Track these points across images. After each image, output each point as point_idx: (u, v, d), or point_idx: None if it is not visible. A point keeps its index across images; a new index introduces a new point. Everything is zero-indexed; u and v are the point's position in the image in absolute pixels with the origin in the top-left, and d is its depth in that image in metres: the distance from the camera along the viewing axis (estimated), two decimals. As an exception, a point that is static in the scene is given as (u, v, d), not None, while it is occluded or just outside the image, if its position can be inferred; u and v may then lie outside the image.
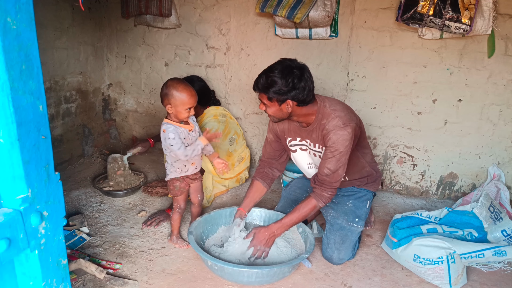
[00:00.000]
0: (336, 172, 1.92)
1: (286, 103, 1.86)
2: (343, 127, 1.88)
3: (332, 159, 1.90)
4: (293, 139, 2.14)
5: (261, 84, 1.86)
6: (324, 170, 1.94)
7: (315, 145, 2.06)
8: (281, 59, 1.89)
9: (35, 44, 0.77)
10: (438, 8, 2.45)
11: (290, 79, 1.79)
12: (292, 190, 2.43)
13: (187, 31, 3.36)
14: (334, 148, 1.89)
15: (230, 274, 1.81)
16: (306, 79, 1.83)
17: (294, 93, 1.81)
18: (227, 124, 3.00)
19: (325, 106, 1.96)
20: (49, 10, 2.94)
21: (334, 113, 1.93)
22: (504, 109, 2.70)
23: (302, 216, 1.99)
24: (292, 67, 1.82)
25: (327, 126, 1.92)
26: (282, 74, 1.80)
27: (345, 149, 1.89)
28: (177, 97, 1.92)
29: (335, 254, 2.04)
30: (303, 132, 2.06)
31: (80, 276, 1.86)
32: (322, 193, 1.96)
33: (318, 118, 1.96)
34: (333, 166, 1.91)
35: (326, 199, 1.97)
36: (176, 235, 2.19)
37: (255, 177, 2.25)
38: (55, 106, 3.12)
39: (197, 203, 2.25)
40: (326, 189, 1.95)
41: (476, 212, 2.17)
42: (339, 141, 1.88)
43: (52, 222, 0.87)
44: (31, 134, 0.78)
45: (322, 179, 1.96)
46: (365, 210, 2.18)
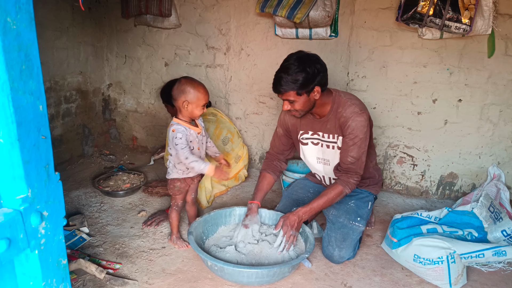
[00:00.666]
0: (360, 159, 1.97)
1: (313, 91, 1.90)
2: (360, 113, 1.93)
3: (354, 146, 1.94)
4: (305, 133, 2.17)
5: (285, 82, 1.85)
6: (348, 159, 1.97)
7: (329, 136, 2.08)
8: (288, 56, 1.92)
9: (35, 44, 0.77)
10: (438, 8, 2.45)
11: (312, 66, 1.84)
12: (294, 190, 2.44)
13: (187, 31, 3.36)
14: (354, 134, 1.93)
15: (230, 274, 1.81)
16: (322, 64, 1.91)
17: (320, 77, 1.87)
18: (218, 124, 2.99)
19: (340, 96, 2.02)
20: (49, 10, 2.94)
21: (350, 101, 1.98)
22: (504, 109, 2.70)
23: (329, 201, 2.01)
24: (305, 55, 1.88)
25: (344, 113, 1.96)
26: (302, 64, 1.84)
27: (364, 135, 1.93)
28: (194, 93, 1.94)
29: (336, 252, 2.04)
30: (317, 124, 2.09)
31: (80, 276, 1.86)
32: (349, 179, 2.00)
33: (334, 107, 2.00)
34: (356, 153, 1.95)
35: (352, 185, 2.00)
36: (176, 235, 2.19)
37: (265, 170, 2.29)
38: (55, 106, 3.12)
39: (190, 201, 2.26)
40: (352, 175, 2.00)
41: (476, 212, 2.17)
42: (358, 127, 1.92)
43: (52, 222, 0.87)
44: (31, 134, 0.78)
45: (346, 167, 2.00)
46: (367, 211, 2.19)
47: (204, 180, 2.69)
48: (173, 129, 1.97)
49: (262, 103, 3.30)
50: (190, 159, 1.95)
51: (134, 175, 3.05)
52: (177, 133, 1.96)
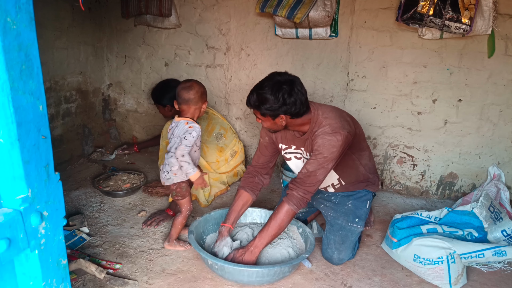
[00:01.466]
0: (313, 173, 1.87)
1: (279, 117, 1.87)
2: (331, 133, 1.87)
3: (314, 161, 1.88)
4: (288, 147, 2.13)
5: (252, 101, 1.87)
6: (303, 170, 1.92)
7: (308, 154, 2.05)
8: (270, 74, 1.89)
9: (35, 44, 0.77)
10: (438, 8, 2.45)
11: (280, 95, 1.79)
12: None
13: (187, 31, 3.36)
14: (318, 151, 1.88)
15: (230, 274, 1.81)
16: (297, 93, 1.82)
17: (285, 108, 1.82)
18: (210, 120, 2.99)
19: (319, 115, 1.95)
20: (49, 10, 2.93)
21: (325, 121, 1.92)
22: (504, 109, 2.70)
23: (277, 225, 1.89)
24: (282, 82, 1.81)
25: (317, 132, 1.92)
26: (272, 91, 1.80)
27: (330, 155, 1.86)
28: (206, 93, 2.07)
29: (335, 255, 2.04)
30: (298, 140, 2.06)
31: (80, 276, 1.86)
32: (293, 192, 1.90)
33: (312, 126, 1.96)
34: (313, 167, 1.88)
35: (296, 200, 1.88)
36: (175, 239, 2.16)
37: (243, 188, 2.17)
38: (55, 106, 3.12)
39: None
40: (298, 188, 1.89)
41: (476, 212, 2.17)
42: (324, 145, 1.86)
43: (52, 222, 0.87)
44: (31, 134, 0.78)
45: (298, 177, 1.93)
46: (365, 211, 2.18)
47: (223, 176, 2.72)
48: (190, 126, 1.99)
49: (262, 103, 3.30)
50: (185, 159, 1.96)
51: (134, 175, 3.05)
52: (193, 130, 1.98)
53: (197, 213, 2.59)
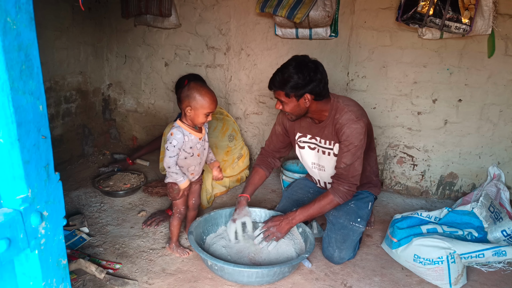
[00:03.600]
0: (352, 166, 1.94)
1: (304, 98, 1.89)
2: (356, 121, 1.91)
3: (348, 153, 1.93)
4: (303, 136, 2.15)
5: (277, 81, 1.87)
6: (341, 165, 1.96)
7: (325, 142, 2.07)
8: (293, 56, 1.92)
9: (35, 44, 0.77)
10: (438, 8, 2.45)
11: (306, 72, 1.83)
12: (293, 190, 2.43)
13: (187, 31, 3.36)
14: (349, 141, 1.91)
15: (230, 274, 1.81)
16: (322, 72, 1.88)
17: (311, 86, 1.85)
18: (225, 122, 3.00)
19: (339, 102, 2.00)
20: (49, 10, 2.93)
21: (347, 108, 1.96)
22: (504, 109, 2.70)
23: (318, 208, 1.98)
24: (306, 61, 1.87)
25: (340, 120, 1.94)
26: (298, 69, 1.83)
27: (360, 142, 1.91)
28: (199, 100, 1.87)
29: (336, 253, 2.04)
30: (315, 128, 2.08)
31: (80, 276, 1.86)
32: (339, 187, 1.96)
33: (332, 113, 1.99)
34: (349, 159, 1.93)
35: (342, 193, 1.95)
36: (175, 243, 2.12)
37: (258, 165, 2.29)
38: (55, 106, 3.12)
39: (191, 206, 2.20)
40: (343, 183, 1.96)
41: (476, 212, 2.17)
42: (353, 135, 1.90)
43: (52, 222, 0.87)
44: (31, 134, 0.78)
45: (339, 173, 1.98)
46: (367, 211, 2.18)
47: (205, 182, 2.69)
48: (171, 133, 1.92)
49: (262, 103, 3.30)
50: (172, 170, 1.93)
51: (134, 175, 3.05)
52: (173, 139, 1.90)
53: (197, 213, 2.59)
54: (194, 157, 2.00)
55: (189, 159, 1.99)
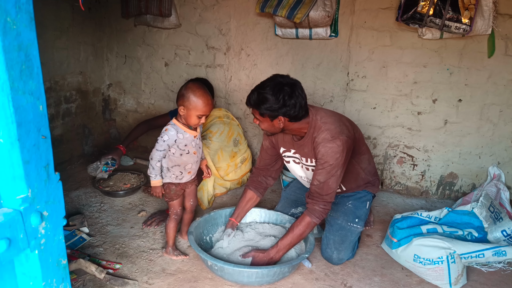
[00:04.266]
0: (326, 183, 1.89)
1: (278, 119, 1.87)
2: (331, 140, 1.87)
3: (322, 171, 1.89)
4: (287, 151, 2.13)
5: (253, 100, 1.87)
6: (314, 182, 1.93)
7: (307, 160, 2.05)
8: (273, 75, 1.90)
9: (35, 44, 0.77)
10: (438, 8, 2.45)
11: (281, 96, 1.80)
12: (292, 190, 2.43)
13: (187, 31, 3.36)
14: (324, 160, 1.88)
15: (230, 274, 1.81)
16: (297, 96, 1.83)
17: (284, 110, 1.82)
18: (231, 126, 2.99)
19: (317, 120, 1.95)
20: (49, 10, 2.94)
21: (324, 126, 1.92)
22: (504, 109, 2.70)
23: (298, 236, 1.93)
24: (283, 84, 1.83)
25: (317, 139, 1.91)
26: (273, 91, 1.81)
27: (336, 161, 1.87)
28: (192, 101, 1.86)
29: (334, 254, 2.04)
30: (296, 145, 2.06)
31: (80, 276, 1.86)
32: (314, 207, 1.92)
33: (310, 131, 1.95)
34: (323, 177, 1.89)
35: (318, 213, 1.92)
36: (172, 247, 2.09)
37: (248, 186, 2.24)
38: (55, 106, 3.12)
39: (189, 208, 2.18)
40: (318, 202, 1.92)
41: (476, 212, 2.17)
42: (328, 153, 1.87)
43: (52, 222, 0.87)
44: (31, 134, 0.78)
45: (313, 190, 1.94)
46: (365, 211, 2.18)
47: (207, 183, 2.69)
48: (166, 128, 1.95)
49: (262, 103, 3.30)
50: (152, 162, 1.95)
51: (134, 175, 3.05)
52: (165, 134, 1.93)
53: (197, 213, 2.59)
54: (190, 154, 1.99)
55: (185, 157, 1.99)
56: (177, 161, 1.99)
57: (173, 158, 1.98)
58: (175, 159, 1.98)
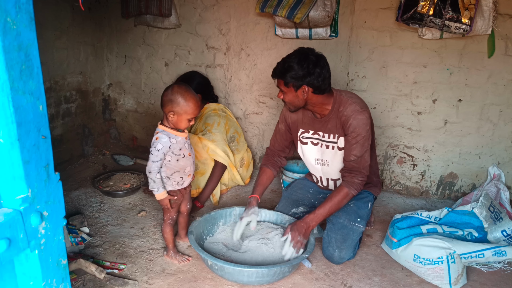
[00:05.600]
0: (362, 157, 1.96)
1: (302, 89, 1.91)
2: (362, 111, 1.94)
3: (357, 145, 1.94)
4: (305, 131, 2.17)
5: (278, 70, 1.92)
6: (351, 157, 1.97)
7: (329, 136, 2.08)
8: (299, 48, 1.96)
9: (35, 44, 0.77)
10: (438, 8, 2.45)
11: (305, 64, 1.85)
12: (293, 190, 2.43)
13: (187, 31, 3.36)
14: (356, 133, 1.93)
15: (230, 274, 1.81)
16: (322, 66, 1.89)
17: (309, 79, 1.87)
18: (227, 121, 2.97)
19: (341, 95, 2.02)
20: (49, 10, 2.93)
21: (350, 99, 1.98)
22: (504, 109, 2.70)
23: (335, 205, 1.98)
24: (309, 54, 1.89)
25: (345, 112, 1.96)
26: (299, 60, 1.87)
27: (367, 133, 1.94)
28: (182, 105, 1.82)
29: (336, 253, 2.04)
30: (317, 123, 2.09)
31: (80, 276, 1.86)
32: (353, 179, 1.98)
33: (335, 106, 2.00)
34: (359, 151, 1.95)
35: (357, 185, 1.97)
36: (172, 250, 2.05)
37: (265, 165, 2.30)
38: (55, 106, 3.12)
39: (186, 212, 2.15)
40: (356, 175, 1.97)
41: (476, 212, 2.17)
42: (359, 125, 1.92)
43: (52, 222, 0.87)
44: (31, 134, 0.78)
45: (350, 166, 1.99)
46: (367, 211, 2.18)
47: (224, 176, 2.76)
48: (156, 137, 1.86)
49: (262, 103, 3.30)
50: (152, 176, 1.87)
51: (134, 175, 3.05)
52: (158, 143, 1.85)
53: (197, 213, 2.60)
54: (186, 157, 1.96)
55: (182, 161, 1.94)
56: (176, 167, 1.94)
57: (171, 166, 1.93)
58: (173, 166, 1.93)
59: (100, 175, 3.04)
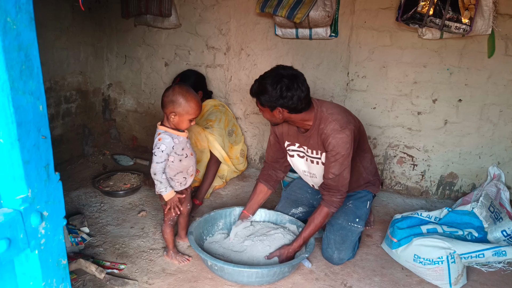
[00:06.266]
0: (340, 175, 1.93)
1: (277, 110, 1.89)
2: (341, 130, 1.89)
3: (335, 163, 1.91)
4: (291, 144, 2.14)
5: (254, 90, 1.93)
6: (329, 175, 1.95)
7: (312, 152, 2.05)
8: (275, 66, 1.93)
9: (35, 44, 0.77)
10: (438, 8, 2.45)
11: (278, 87, 1.82)
12: (292, 190, 2.43)
13: (187, 31, 3.36)
14: (335, 151, 1.90)
15: (230, 274, 1.81)
16: (296, 89, 1.82)
17: (282, 102, 1.84)
18: (227, 116, 3.06)
19: (322, 111, 1.96)
20: (49, 10, 2.94)
21: (331, 117, 1.93)
22: (504, 109, 2.70)
23: (318, 226, 1.99)
24: (283, 76, 1.83)
25: (325, 130, 1.92)
26: (272, 82, 1.83)
27: (346, 151, 1.90)
28: (184, 106, 1.81)
29: (335, 254, 2.04)
30: (301, 138, 2.06)
31: (80, 276, 1.86)
32: (332, 198, 1.96)
33: (316, 123, 1.96)
34: (337, 170, 1.92)
35: (336, 204, 1.97)
36: (172, 250, 2.05)
37: (258, 180, 2.27)
38: (55, 106, 3.12)
39: (186, 212, 2.15)
40: (335, 193, 1.96)
41: (476, 212, 2.17)
42: (339, 144, 1.89)
43: (52, 222, 0.87)
44: (31, 134, 0.78)
45: (328, 183, 1.97)
46: (365, 211, 2.18)
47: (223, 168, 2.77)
48: (159, 138, 1.85)
49: (262, 103, 3.30)
50: (157, 177, 1.87)
51: (134, 175, 3.05)
52: (161, 143, 1.84)
53: (197, 213, 2.60)
54: (188, 157, 1.96)
55: (185, 161, 1.94)
56: (179, 168, 1.94)
57: (174, 166, 1.92)
58: (176, 167, 1.93)
59: (100, 175, 3.04)
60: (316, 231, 2.01)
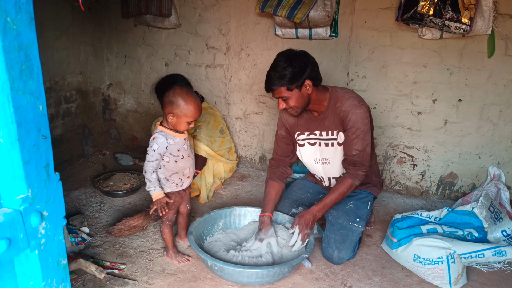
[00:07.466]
0: (364, 151, 1.98)
1: (304, 86, 1.90)
2: (359, 105, 1.95)
3: (357, 139, 1.96)
4: (301, 133, 2.17)
5: (275, 79, 1.88)
6: (353, 152, 1.99)
7: (327, 133, 2.09)
8: (279, 53, 1.96)
9: (35, 44, 0.77)
10: (438, 8, 2.45)
11: (298, 60, 1.87)
12: (293, 190, 2.43)
13: (187, 31, 3.36)
14: (356, 127, 1.94)
15: (230, 274, 1.81)
16: (310, 56, 1.92)
17: (309, 71, 1.88)
18: (216, 117, 3.10)
19: (337, 91, 2.03)
20: (49, 10, 2.93)
21: (347, 95, 2.00)
22: (504, 109, 2.70)
23: (341, 195, 2.02)
24: (291, 52, 1.91)
25: (343, 107, 1.97)
26: (289, 60, 1.87)
27: (366, 126, 1.95)
28: (183, 108, 1.80)
29: (335, 254, 2.04)
30: (313, 123, 2.09)
31: (80, 276, 1.86)
32: (357, 172, 2.01)
33: (331, 103, 2.01)
34: (360, 145, 1.97)
35: (361, 177, 2.02)
36: (172, 250, 2.05)
37: (271, 178, 2.24)
38: (55, 106, 3.12)
39: (186, 212, 2.14)
40: (360, 168, 2.01)
41: (477, 211, 2.17)
42: (358, 120, 1.94)
43: (52, 222, 0.87)
44: (31, 134, 0.78)
45: (352, 160, 2.01)
46: (366, 211, 2.18)
47: (206, 176, 2.71)
48: (154, 137, 1.85)
49: (262, 103, 3.30)
50: (147, 176, 1.86)
51: (134, 175, 3.05)
52: (154, 143, 1.83)
53: (197, 213, 2.59)
54: (185, 159, 1.94)
55: (180, 162, 1.93)
56: (174, 168, 1.93)
57: (169, 167, 1.91)
58: (172, 167, 1.92)
59: (100, 175, 3.04)
60: (339, 200, 2.03)
